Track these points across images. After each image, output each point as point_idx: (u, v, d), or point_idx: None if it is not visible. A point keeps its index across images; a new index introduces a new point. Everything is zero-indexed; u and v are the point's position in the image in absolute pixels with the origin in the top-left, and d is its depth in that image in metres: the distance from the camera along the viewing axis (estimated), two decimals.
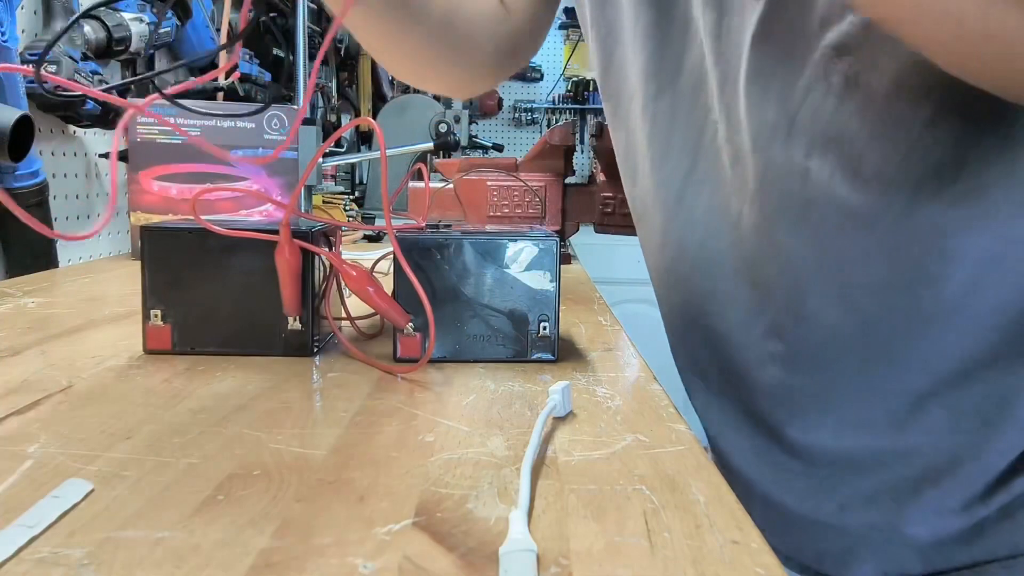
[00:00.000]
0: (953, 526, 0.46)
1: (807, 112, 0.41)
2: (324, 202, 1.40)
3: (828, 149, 0.41)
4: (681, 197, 0.51)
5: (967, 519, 0.46)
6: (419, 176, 0.66)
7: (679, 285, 0.55)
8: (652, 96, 0.50)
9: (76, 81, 0.93)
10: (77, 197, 1.11)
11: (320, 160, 1.10)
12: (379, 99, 2.61)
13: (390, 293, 0.47)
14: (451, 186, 1.01)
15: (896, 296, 0.43)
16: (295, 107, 1.02)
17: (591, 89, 3.67)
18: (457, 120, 1.49)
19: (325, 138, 1.85)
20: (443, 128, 1.48)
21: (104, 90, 0.43)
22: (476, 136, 1.81)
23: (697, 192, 0.50)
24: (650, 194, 0.54)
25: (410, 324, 0.47)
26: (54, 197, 1.01)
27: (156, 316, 0.48)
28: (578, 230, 1.04)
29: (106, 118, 1.02)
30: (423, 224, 0.52)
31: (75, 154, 1.11)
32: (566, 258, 1.06)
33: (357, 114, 2.43)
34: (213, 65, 1.36)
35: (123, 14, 1.08)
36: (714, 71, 0.46)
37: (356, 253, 0.98)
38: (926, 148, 0.39)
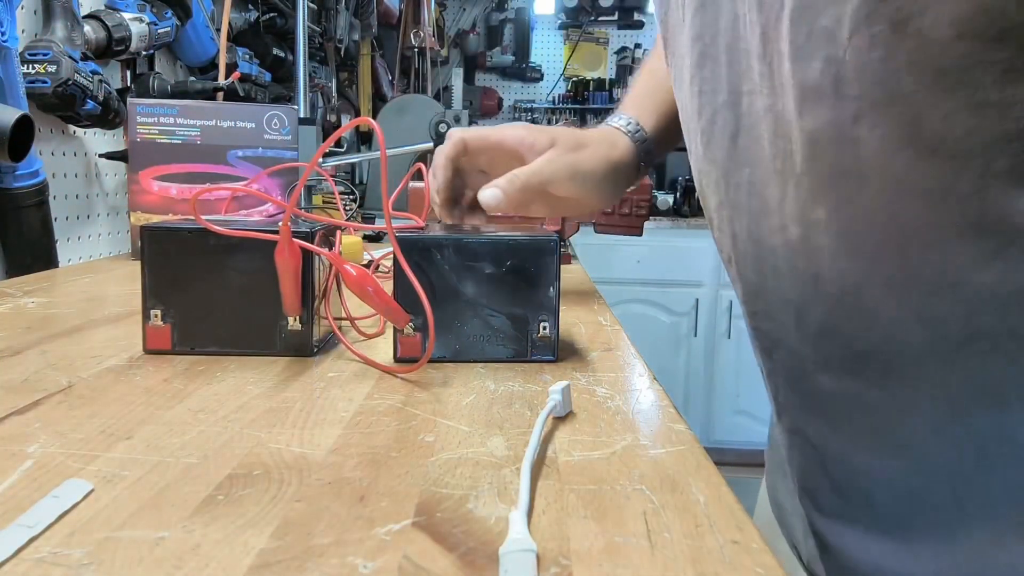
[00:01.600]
0: None
1: (853, 67, 0.35)
2: (325, 202, 1.40)
3: (880, 112, 0.35)
4: (727, 174, 0.46)
5: None
6: (419, 176, 0.66)
7: (736, 278, 0.50)
8: (696, 63, 0.46)
9: (76, 81, 0.93)
10: (77, 197, 1.11)
11: (320, 160, 1.10)
12: (379, 99, 2.61)
13: (390, 293, 0.47)
14: None
15: (973, 298, 0.36)
16: (295, 107, 1.02)
17: (591, 89, 3.67)
18: (457, 120, 1.49)
19: (325, 138, 1.85)
20: (443, 128, 1.48)
21: None
22: None
23: (739, 171, 0.45)
24: (704, 174, 0.49)
25: (410, 324, 0.47)
26: (54, 197, 1.01)
27: (156, 316, 0.48)
28: (578, 230, 1.04)
29: (106, 118, 1.02)
30: (423, 224, 0.52)
31: (75, 154, 1.11)
32: (566, 258, 1.06)
33: (357, 114, 2.43)
34: (213, 65, 1.36)
35: (123, 14, 1.08)
36: (755, 26, 0.40)
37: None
38: (1000, 106, 0.32)
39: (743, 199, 0.45)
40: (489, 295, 0.48)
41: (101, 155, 1.14)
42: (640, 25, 3.66)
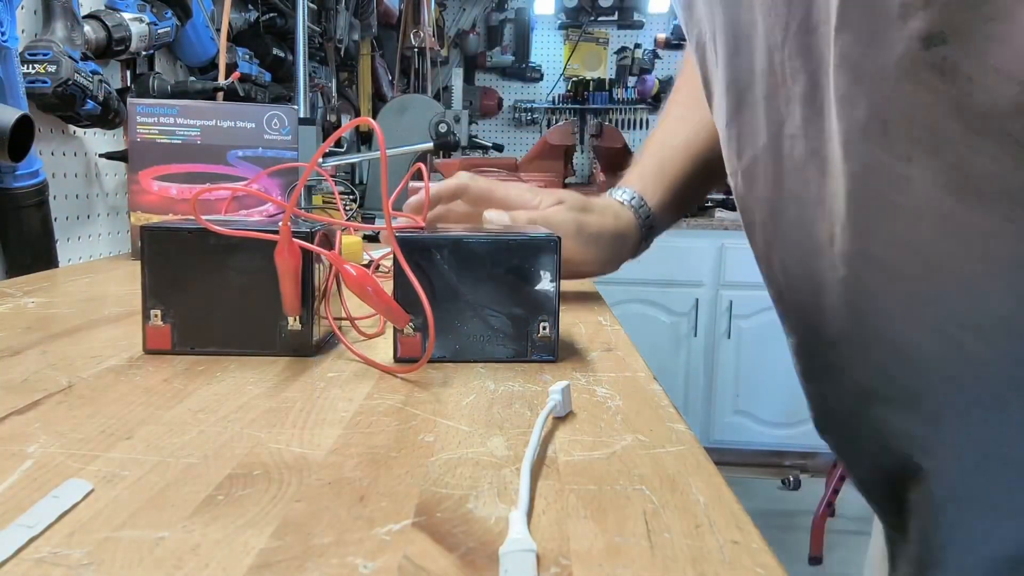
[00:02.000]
0: None
1: (900, 112, 0.35)
2: (325, 202, 1.40)
3: (929, 152, 0.35)
4: (774, 215, 0.47)
5: None
6: (419, 176, 0.67)
7: (793, 313, 0.51)
8: (734, 108, 0.47)
9: (76, 81, 0.93)
10: (77, 197, 1.11)
11: (320, 160, 1.10)
12: (379, 99, 2.61)
13: (390, 293, 0.47)
14: None
15: (1018, 345, 0.36)
16: (295, 107, 1.02)
17: (591, 89, 3.67)
18: (457, 120, 1.49)
19: (325, 138, 1.85)
20: (443, 128, 1.48)
21: None
22: (476, 136, 1.81)
23: (787, 210, 0.45)
24: (749, 213, 0.50)
25: (410, 324, 0.47)
26: (54, 197, 1.01)
27: (156, 316, 0.48)
28: None
29: (106, 118, 1.02)
30: (423, 224, 0.52)
31: (75, 154, 1.11)
32: None
33: (357, 114, 2.43)
34: (213, 65, 1.36)
35: (123, 14, 1.08)
36: (799, 73, 0.40)
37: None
38: None
39: (794, 236, 0.45)
40: (489, 295, 0.48)
41: (101, 155, 1.14)
42: (640, 25, 3.66)
